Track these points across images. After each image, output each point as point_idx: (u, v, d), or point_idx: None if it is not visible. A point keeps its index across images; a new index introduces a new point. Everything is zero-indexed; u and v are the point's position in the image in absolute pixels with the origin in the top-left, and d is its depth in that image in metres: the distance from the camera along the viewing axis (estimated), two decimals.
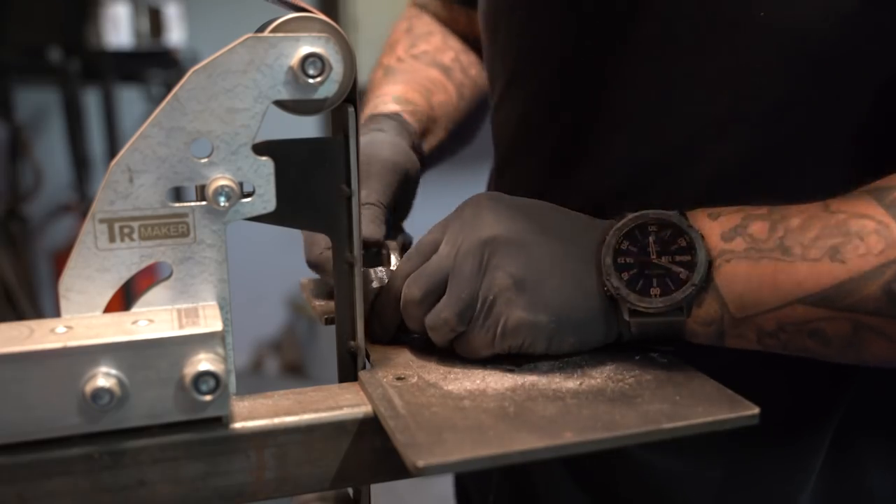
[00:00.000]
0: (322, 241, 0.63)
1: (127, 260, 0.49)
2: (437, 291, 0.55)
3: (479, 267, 0.54)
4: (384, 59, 0.87)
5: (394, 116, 0.74)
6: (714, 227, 0.54)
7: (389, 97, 0.78)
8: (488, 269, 0.54)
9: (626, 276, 0.54)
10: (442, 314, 0.55)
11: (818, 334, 0.52)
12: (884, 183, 0.52)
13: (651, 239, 0.55)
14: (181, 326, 0.46)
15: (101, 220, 0.48)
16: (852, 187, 0.53)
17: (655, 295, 0.54)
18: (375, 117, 0.73)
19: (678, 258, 0.54)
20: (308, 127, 2.97)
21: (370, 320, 0.60)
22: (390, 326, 0.60)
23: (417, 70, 0.84)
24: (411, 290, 0.56)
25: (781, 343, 0.53)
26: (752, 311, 0.52)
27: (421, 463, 0.42)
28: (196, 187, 0.50)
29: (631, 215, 0.55)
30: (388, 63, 0.85)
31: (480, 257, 0.54)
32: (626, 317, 0.54)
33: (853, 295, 0.50)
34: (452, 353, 0.57)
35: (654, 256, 0.54)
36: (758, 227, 0.53)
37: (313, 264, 0.64)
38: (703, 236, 0.54)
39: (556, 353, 0.55)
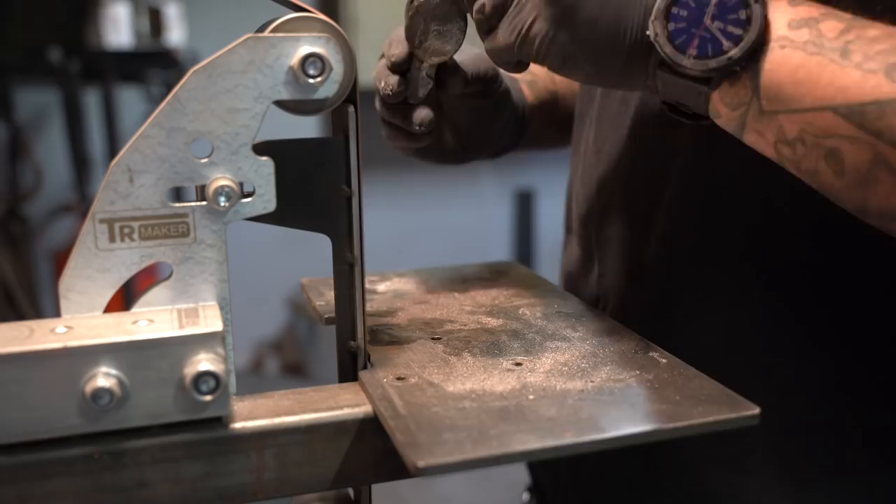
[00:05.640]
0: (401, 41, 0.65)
1: (127, 260, 0.49)
2: None
3: None
4: None
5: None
6: (787, 12, 0.51)
7: None
8: None
9: (671, 26, 0.51)
10: (481, 1, 0.56)
11: (835, 156, 0.48)
12: None
13: (714, 0, 0.51)
14: (181, 326, 0.46)
15: (101, 220, 0.48)
16: None
17: (691, 55, 0.51)
18: None
19: (731, 29, 0.50)
20: (308, 127, 2.97)
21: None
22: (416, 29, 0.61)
23: None
24: None
25: (796, 157, 0.50)
26: (782, 105, 0.49)
27: (421, 463, 0.42)
28: (196, 187, 0.50)
29: None
30: None
31: None
32: (653, 67, 0.52)
33: (886, 118, 0.46)
34: (453, 353, 0.57)
35: (708, 19, 0.51)
36: (830, 26, 0.49)
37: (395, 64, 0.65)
38: (766, 17, 0.50)
39: (568, 76, 0.55)
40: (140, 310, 0.50)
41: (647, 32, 0.52)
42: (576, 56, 0.53)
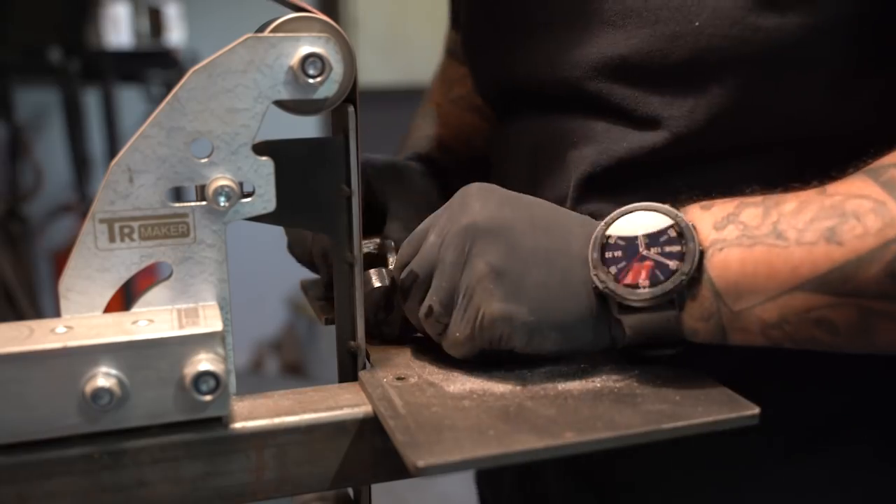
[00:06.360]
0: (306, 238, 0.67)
1: (127, 260, 0.49)
2: (427, 281, 0.55)
3: (461, 255, 0.53)
4: (423, 107, 0.91)
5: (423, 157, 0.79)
6: (706, 217, 0.52)
7: (424, 139, 0.83)
8: (469, 257, 0.53)
9: (613, 269, 0.52)
10: (427, 303, 0.54)
11: (824, 323, 0.49)
12: (879, 162, 0.51)
13: (640, 231, 0.52)
14: (181, 326, 0.46)
15: (101, 220, 0.48)
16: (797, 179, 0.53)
17: (645, 286, 0.51)
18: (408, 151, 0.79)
19: (667, 249, 0.52)
20: (308, 127, 2.97)
21: (380, 321, 0.60)
22: (396, 320, 0.60)
23: (454, 114, 0.88)
24: (404, 282, 0.56)
25: (787, 335, 0.50)
26: (750, 301, 0.50)
27: (421, 463, 0.42)
28: (196, 187, 0.50)
29: (620, 209, 0.54)
30: (427, 109, 0.90)
31: (462, 245, 0.53)
32: (616, 314, 0.52)
33: (854, 279, 0.47)
34: None
35: (643, 248, 0.52)
36: (750, 214, 0.51)
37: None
38: (694, 226, 0.52)
39: (537, 351, 0.53)
40: (140, 310, 0.50)
41: (593, 285, 0.52)
42: (540, 328, 0.52)
